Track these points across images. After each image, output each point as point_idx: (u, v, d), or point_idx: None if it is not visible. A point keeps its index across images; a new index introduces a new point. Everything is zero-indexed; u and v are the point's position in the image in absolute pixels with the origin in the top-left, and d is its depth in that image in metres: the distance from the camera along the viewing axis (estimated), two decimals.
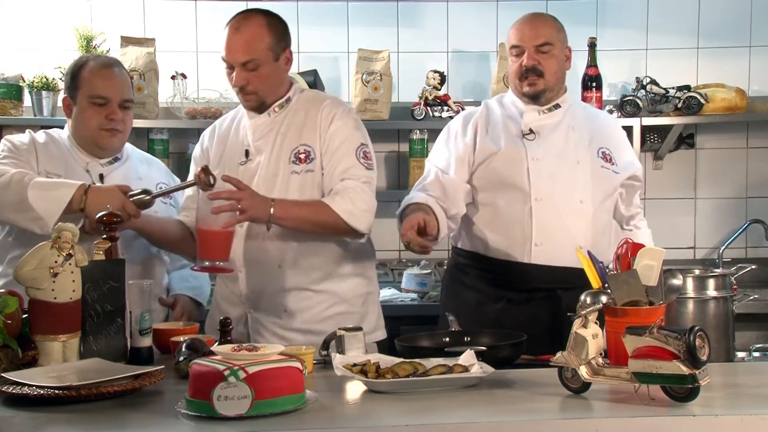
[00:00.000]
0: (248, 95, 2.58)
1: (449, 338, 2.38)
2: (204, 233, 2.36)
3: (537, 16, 2.76)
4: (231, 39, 2.54)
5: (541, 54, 2.65)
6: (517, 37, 2.68)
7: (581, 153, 2.68)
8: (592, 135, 2.73)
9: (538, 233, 2.60)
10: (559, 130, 2.71)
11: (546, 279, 2.61)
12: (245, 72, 2.53)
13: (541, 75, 2.65)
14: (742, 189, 4.16)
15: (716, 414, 1.73)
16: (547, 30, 2.68)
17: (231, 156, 2.65)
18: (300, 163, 2.57)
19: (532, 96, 2.69)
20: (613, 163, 2.71)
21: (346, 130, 2.58)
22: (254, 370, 1.72)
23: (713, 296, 2.34)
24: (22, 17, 3.89)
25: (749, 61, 4.11)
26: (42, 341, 2.04)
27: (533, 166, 2.64)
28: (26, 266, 2.02)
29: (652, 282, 1.97)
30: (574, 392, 1.87)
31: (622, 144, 2.82)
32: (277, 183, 2.56)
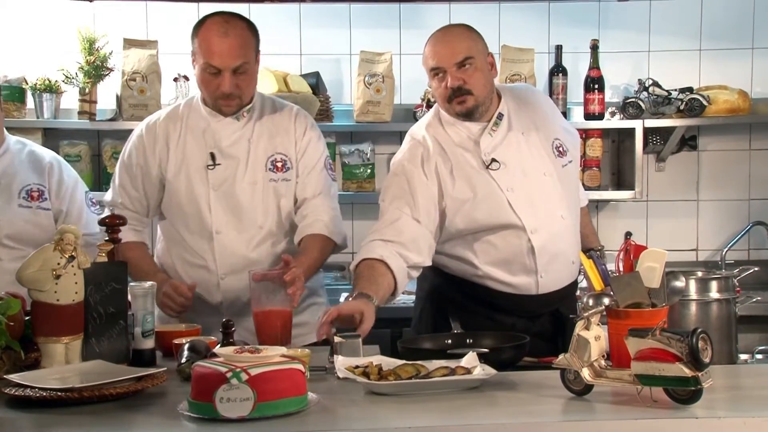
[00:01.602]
0: (233, 100, 2.57)
1: (451, 340, 2.38)
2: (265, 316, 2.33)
3: (449, 31, 2.56)
4: (220, 43, 2.50)
5: (464, 71, 2.46)
6: (435, 59, 2.49)
7: (543, 162, 2.56)
8: (540, 130, 2.58)
9: (542, 265, 2.50)
10: (515, 144, 2.54)
11: (551, 302, 2.55)
12: (234, 77, 2.53)
13: (470, 92, 2.47)
14: (744, 191, 4.15)
15: (719, 416, 1.73)
16: (463, 44, 2.48)
17: (193, 160, 2.62)
18: (277, 171, 2.62)
19: (465, 115, 2.52)
20: (566, 153, 2.60)
21: (317, 143, 2.69)
22: (256, 372, 1.72)
23: (716, 298, 2.34)
24: (25, 20, 3.90)
25: (752, 63, 4.11)
26: (44, 343, 2.04)
27: (513, 199, 2.49)
28: (29, 268, 2.03)
29: (655, 284, 1.97)
30: (576, 394, 1.87)
31: (555, 116, 2.67)
32: (256, 190, 2.60)
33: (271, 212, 2.63)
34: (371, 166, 3.90)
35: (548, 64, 3.99)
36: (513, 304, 2.54)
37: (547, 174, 2.55)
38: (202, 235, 2.62)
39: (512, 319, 2.54)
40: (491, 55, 2.57)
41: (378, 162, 3.97)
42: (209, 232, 2.61)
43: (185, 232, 2.65)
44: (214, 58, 2.51)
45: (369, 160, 3.89)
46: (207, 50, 2.51)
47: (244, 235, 2.61)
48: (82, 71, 3.70)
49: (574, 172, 2.70)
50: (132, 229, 2.63)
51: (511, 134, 2.56)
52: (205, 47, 2.52)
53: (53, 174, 2.77)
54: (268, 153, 2.63)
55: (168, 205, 2.67)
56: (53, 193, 2.75)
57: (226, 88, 2.53)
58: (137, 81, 3.71)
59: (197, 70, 2.58)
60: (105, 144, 3.82)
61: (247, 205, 2.61)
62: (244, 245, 2.61)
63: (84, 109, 3.73)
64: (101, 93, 3.76)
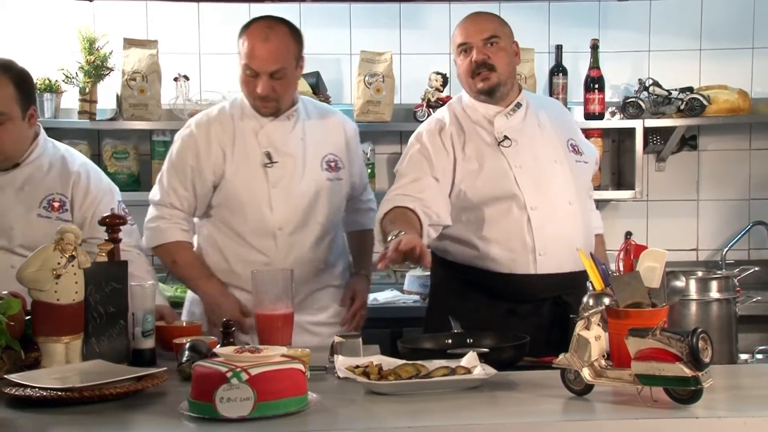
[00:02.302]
0: (269, 102, 2.64)
1: (451, 340, 2.38)
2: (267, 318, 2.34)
3: (479, 13, 2.69)
4: (260, 48, 2.58)
5: (490, 48, 2.58)
6: (463, 35, 2.60)
7: (556, 151, 2.64)
8: (557, 128, 2.69)
9: (540, 243, 2.53)
10: (529, 131, 2.64)
11: (551, 287, 2.56)
12: (271, 80, 2.58)
13: (493, 69, 2.57)
14: (745, 191, 4.15)
15: (719, 416, 1.73)
16: (491, 24, 2.62)
17: (250, 159, 2.66)
18: (331, 170, 2.71)
19: (487, 92, 2.60)
20: (581, 153, 2.70)
21: (360, 146, 2.88)
22: (257, 371, 1.72)
23: (716, 298, 2.34)
24: (25, 19, 3.90)
25: (752, 63, 4.10)
26: (45, 343, 2.04)
27: (519, 175, 2.56)
28: (29, 268, 2.03)
29: (655, 284, 1.97)
30: (576, 394, 1.87)
31: (577, 129, 2.82)
32: (316, 188, 2.68)
33: (329, 209, 2.71)
34: (371, 165, 3.90)
35: (548, 64, 3.98)
36: (512, 288, 2.55)
37: (558, 162, 2.62)
38: (265, 232, 2.65)
39: (511, 305, 2.55)
40: (517, 45, 2.69)
41: (378, 162, 3.97)
42: (271, 229, 2.64)
43: (245, 231, 2.66)
44: (252, 62, 2.58)
45: (369, 159, 3.89)
46: (247, 53, 2.59)
47: (306, 231, 2.67)
48: (82, 71, 3.70)
49: (589, 173, 2.74)
50: (180, 228, 2.69)
51: (527, 121, 2.66)
52: (246, 50, 2.59)
53: (79, 184, 2.65)
54: (322, 153, 2.72)
55: (225, 205, 2.68)
56: (77, 204, 2.64)
57: (262, 90, 2.59)
58: (137, 81, 3.71)
59: (239, 71, 2.65)
60: (105, 144, 3.82)
61: (308, 203, 2.67)
62: (307, 241, 2.67)
63: (84, 109, 3.72)
64: (101, 93, 3.76)
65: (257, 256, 2.65)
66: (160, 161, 3.79)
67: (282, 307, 2.32)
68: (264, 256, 2.65)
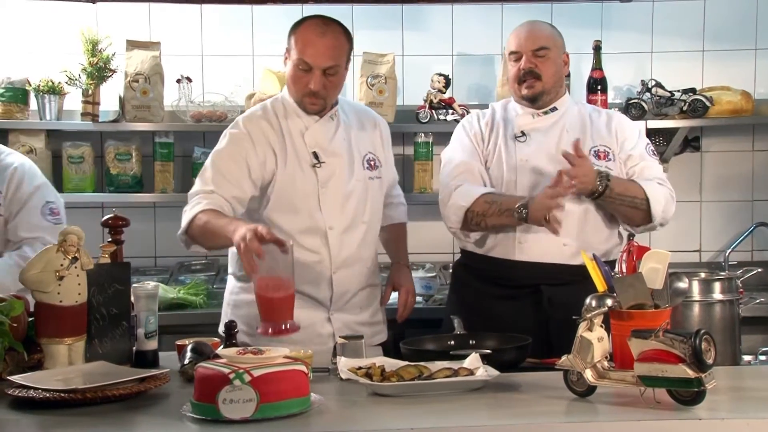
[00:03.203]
0: (318, 100, 2.62)
1: (454, 341, 2.38)
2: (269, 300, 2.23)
3: (535, 22, 2.83)
4: (317, 42, 2.56)
5: (538, 58, 2.72)
6: (516, 43, 2.76)
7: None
8: (588, 135, 2.76)
9: (522, 231, 2.65)
10: (553, 132, 2.77)
11: (531, 275, 2.65)
12: (323, 77, 2.58)
13: (539, 78, 2.72)
14: (748, 192, 4.15)
15: (722, 417, 1.73)
16: (543, 35, 2.76)
17: (299, 160, 2.63)
18: (372, 169, 2.73)
19: (530, 99, 2.76)
20: (608, 160, 2.72)
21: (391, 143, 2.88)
22: (259, 373, 1.72)
23: (719, 299, 2.33)
24: (28, 21, 3.91)
25: (755, 64, 4.10)
26: (48, 344, 2.04)
27: (521, 166, 2.71)
28: (32, 269, 2.03)
29: (658, 285, 1.97)
30: (579, 395, 1.87)
31: (627, 139, 2.80)
32: (361, 187, 2.68)
33: (372, 208, 2.73)
34: None
35: None
36: (494, 269, 2.72)
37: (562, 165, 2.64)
38: (315, 231, 2.63)
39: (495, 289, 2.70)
40: (567, 56, 2.83)
41: None
42: (322, 228, 2.63)
43: (295, 231, 2.61)
44: (307, 55, 2.56)
45: None
46: (303, 47, 2.57)
47: (355, 231, 2.68)
48: (85, 73, 3.70)
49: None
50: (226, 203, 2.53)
51: (555, 126, 2.77)
52: (302, 44, 2.57)
53: (13, 180, 2.79)
54: (363, 152, 2.73)
55: (276, 206, 2.63)
56: (8, 199, 2.77)
57: (315, 86, 2.58)
58: (140, 82, 3.72)
59: (289, 67, 2.62)
60: (108, 145, 3.83)
61: (354, 202, 2.68)
62: (355, 241, 2.67)
63: (87, 111, 3.73)
64: (104, 94, 3.76)
65: (308, 255, 2.61)
66: (162, 162, 3.82)
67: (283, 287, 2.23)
68: (315, 254, 2.62)
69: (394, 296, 3.46)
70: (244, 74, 3.95)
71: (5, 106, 3.71)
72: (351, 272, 2.67)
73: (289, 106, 2.69)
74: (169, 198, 3.80)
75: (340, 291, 2.66)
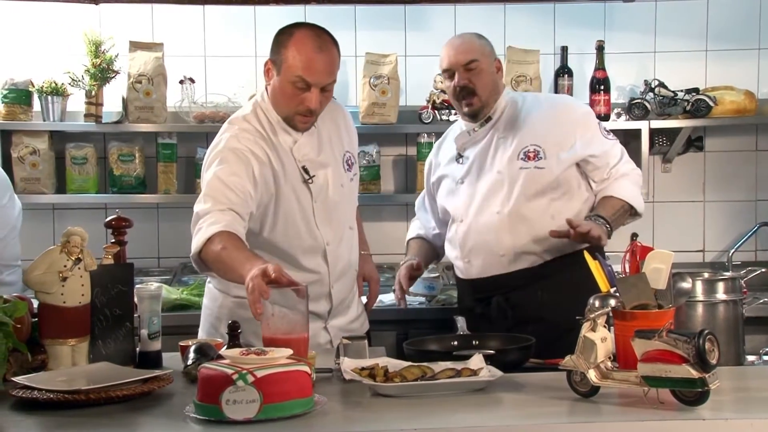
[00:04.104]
0: (311, 117, 2.47)
1: (457, 342, 2.38)
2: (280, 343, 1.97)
3: (462, 36, 2.83)
4: (316, 59, 2.38)
5: (470, 71, 2.73)
6: (446, 61, 2.77)
7: (502, 162, 2.74)
8: (521, 136, 2.74)
9: (464, 252, 2.79)
10: (486, 144, 2.79)
11: (481, 289, 2.77)
12: (321, 94, 2.43)
13: (474, 92, 2.74)
14: (751, 192, 4.14)
15: (726, 418, 1.73)
16: (471, 48, 2.76)
17: (291, 178, 2.50)
18: (350, 169, 2.65)
19: (470, 115, 2.79)
20: (538, 159, 2.70)
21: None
22: (263, 373, 1.72)
23: (723, 299, 2.33)
24: (31, 22, 3.91)
25: (758, 64, 4.09)
26: (51, 345, 2.05)
27: (458, 189, 2.82)
28: (35, 270, 2.03)
29: (661, 285, 1.96)
30: (582, 396, 1.87)
31: (567, 134, 2.74)
32: (344, 192, 2.60)
33: (352, 211, 2.70)
34: (377, 168, 3.90)
35: (554, 66, 3.98)
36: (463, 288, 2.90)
37: (501, 172, 2.74)
38: (315, 250, 2.53)
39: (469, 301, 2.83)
40: (499, 62, 2.83)
41: (383, 164, 3.96)
42: (321, 245, 2.53)
43: (298, 251, 2.51)
44: (310, 74, 2.38)
45: (374, 161, 3.89)
46: (302, 64, 2.38)
47: (344, 239, 2.60)
48: (88, 74, 3.71)
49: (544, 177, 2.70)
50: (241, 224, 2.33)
51: (488, 138, 2.80)
52: (301, 61, 2.38)
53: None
54: (341, 152, 2.62)
55: (278, 227, 2.50)
56: None
57: (313, 104, 2.42)
58: (143, 83, 3.72)
59: (278, 81, 2.43)
60: (111, 146, 3.83)
61: (339, 209, 2.59)
62: (346, 249, 2.63)
63: (90, 112, 3.73)
64: (107, 95, 3.77)
65: (308, 276, 2.45)
66: (165, 163, 3.82)
67: (298, 331, 2.03)
68: (315, 275, 2.52)
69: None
70: (247, 75, 3.95)
71: (8, 108, 3.72)
72: (345, 281, 2.64)
73: (274, 120, 2.51)
74: (172, 199, 3.80)
75: (337, 302, 2.62)
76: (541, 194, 2.72)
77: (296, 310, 2.03)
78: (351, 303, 2.70)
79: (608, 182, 2.77)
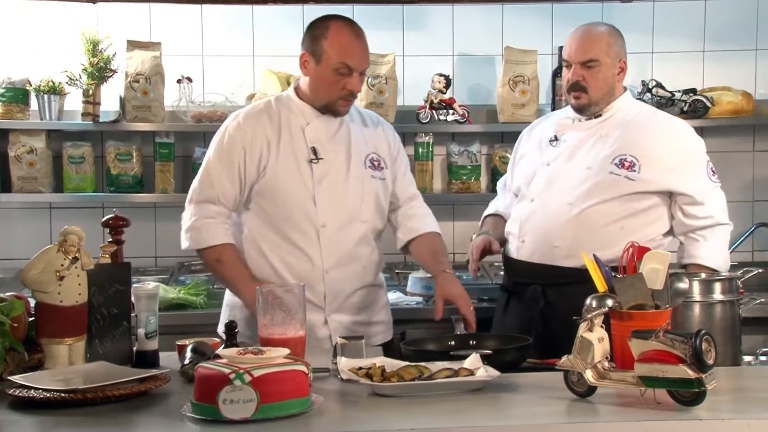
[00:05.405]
0: (353, 100, 2.67)
1: (455, 341, 2.38)
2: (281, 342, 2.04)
3: (589, 30, 2.76)
4: (355, 45, 2.60)
5: (587, 70, 2.70)
6: (566, 52, 2.76)
7: (595, 159, 2.70)
8: (624, 143, 2.70)
9: (522, 231, 2.75)
10: (585, 137, 2.76)
11: (524, 274, 2.75)
12: (360, 78, 2.62)
13: (585, 90, 2.71)
14: (748, 192, 4.14)
15: (723, 418, 1.73)
16: (594, 47, 2.71)
17: (295, 155, 2.64)
18: (375, 169, 2.72)
19: (577, 109, 2.78)
20: (632, 170, 2.66)
21: (402, 148, 2.88)
22: (260, 373, 1.72)
23: (720, 300, 2.33)
24: (29, 21, 3.90)
25: (755, 64, 4.09)
26: (48, 344, 2.04)
27: (540, 170, 2.77)
28: (32, 269, 2.03)
29: (658, 285, 1.97)
30: (579, 396, 1.87)
31: (671, 159, 2.71)
32: (360, 186, 2.68)
33: (372, 207, 2.71)
34: None
35: (551, 66, 3.98)
36: (505, 266, 2.90)
37: (591, 168, 2.69)
38: (307, 228, 2.62)
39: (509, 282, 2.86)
40: (622, 60, 2.77)
41: None
42: (315, 226, 2.62)
43: (288, 228, 2.63)
44: (352, 59, 2.58)
45: None
46: (343, 50, 2.58)
47: (349, 228, 2.65)
48: (85, 73, 3.70)
49: (625, 187, 2.66)
50: (225, 229, 2.64)
51: (591, 133, 2.75)
52: (342, 48, 2.58)
53: None
54: (366, 151, 2.72)
55: (269, 201, 2.65)
56: None
57: (357, 87, 2.62)
58: (141, 82, 3.72)
59: (319, 70, 2.61)
60: (108, 145, 3.83)
61: (352, 200, 2.66)
62: (349, 239, 2.65)
63: (87, 111, 3.73)
64: (105, 94, 3.76)
65: (298, 253, 2.62)
66: (162, 163, 3.82)
67: (293, 329, 2.11)
68: (305, 253, 2.62)
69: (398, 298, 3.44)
70: (245, 74, 3.95)
71: (6, 107, 3.71)
72: (346, 271, 2.65)
73: (294, 104, 2.69)
74: (170, 198, 3.80)
75: (334, 291, 2.64)
76: (620, 204, 2.67)
77: (293, 310, 2.10)
78: (364, 305, 2.71)
79: (698, 230, 2.68)
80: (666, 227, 2.73)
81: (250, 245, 2.68)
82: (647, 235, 2.65)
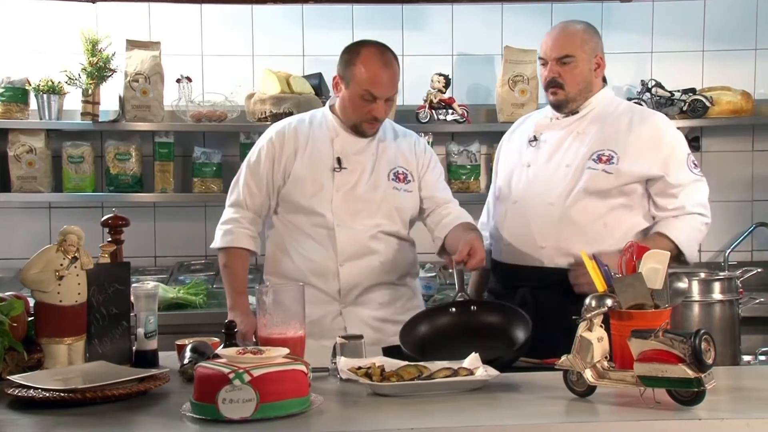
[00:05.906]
0: (378, 124, 2.75)
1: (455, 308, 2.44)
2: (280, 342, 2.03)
3: (565, 27, 2.78)
4: (382, 74, 2.66)
5: (562, 66, 2.70)
6: (542, 50, 2.76)
7: (574, 157, 2.70)
8: (601, 138, 2.70)
9: (508, 234, 2.75)
10: (563, 135, 2.75)
11: (512, 277, 2.73)
12: (385, 104, 2.69)
13: (561, 87, 2.71)
14: (747, 192, 4.15)
15: (722, 418, 1.73)
16: (569, 43, 2.71)
17: (320, 162, 2.75)
18: (399, 181, 2.79)
19: (555, 105, 2.78)
20: (609, 164, 2.66)
21: (437, 161, 2.93)
22: (259, 373, 1.72)
23: (719, 299, 2.33)
24: (28, 21, 3.91)
25: (755, 64, 4.10)
26: (47, 344, 2.04)
27: (520, 172, 2.78)
28: (32, 269, 2.03)
29: (658, 285, 1.96)
30: (579, 396, 1.87)
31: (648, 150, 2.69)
32: (377, 195, 2.75)
33: (388, 213, 2.76)
34: None
35: None
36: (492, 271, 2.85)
37: (570, 166, 2.70)
38: (323, 225, 2.72)
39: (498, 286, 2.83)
40: (600, 57, 2.77)
41: None
42: (330, 224, 2.72)
43: (305, 223, 2.75)
44: (377, 88, 2.65)
45: None
46: (370, 79, 2.65)
47: (363, 224, 2.73)
48: (85, 72, 3.71)
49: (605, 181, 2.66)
50: (248, 235, 2.77)
51: (569, 130, 2.75)
52: (368, 76, 2.65)
53: None
54: (392, 165, 2.80)
55: (290, 199, 2.76)
56: None
57: (381, 114, 2.70)
58: (140, 82, 3.72)
59: (347, 94, 2.71)
60: (108, 145, 3.83)
61: (367, 207, 2.74)
62: (364, 234, 2.72)
63: (87, 111, 3.73)
64: (104, 94, 3.77)
65: (313, 245, 2.72)
66: (162, 162, 3.82)
67: (292, 329, 2.11)
68: (320, 246, 2.71)
69: None
70: (244, 74, 3.95)
71: (5, 106, 3.72)
72: (361, 267, 2.70)
73: (327, 119, 2.80)
74: (169, 198, 3.80)
75: (348, 284, 2.70)
76: (600, 198, 2.66)
77: (293, 310, 2.11)
78: (388, 301, 2.75)
79: (669, 217, 2.68)
80: (649, 221, 2.72)
81: (275, 243, 2.81)
82: (629, 224, 2.67)
